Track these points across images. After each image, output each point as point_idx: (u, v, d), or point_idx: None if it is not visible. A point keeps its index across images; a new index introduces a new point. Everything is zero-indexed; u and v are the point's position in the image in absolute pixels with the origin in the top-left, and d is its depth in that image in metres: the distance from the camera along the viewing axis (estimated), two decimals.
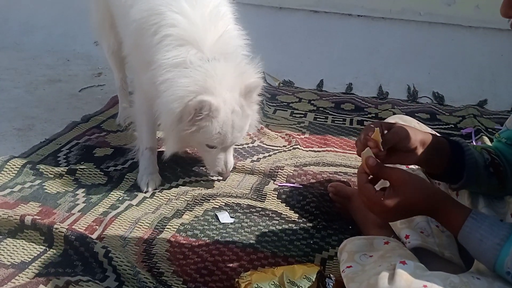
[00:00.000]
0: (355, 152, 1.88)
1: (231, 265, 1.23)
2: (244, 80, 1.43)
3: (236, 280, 1.12)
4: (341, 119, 2.24)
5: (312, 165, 1.77)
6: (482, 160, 1.06)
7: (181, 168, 1.69)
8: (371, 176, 0.94)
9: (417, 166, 1.22)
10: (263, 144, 1.92)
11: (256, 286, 1.07)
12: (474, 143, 2.01)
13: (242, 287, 1.08)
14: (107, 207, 1.45)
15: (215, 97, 1.36)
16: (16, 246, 1.25)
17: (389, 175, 0.92)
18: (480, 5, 2.67)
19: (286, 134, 2.00)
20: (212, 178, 1.65)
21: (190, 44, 1.40)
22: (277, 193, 1.57)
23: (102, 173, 1.62)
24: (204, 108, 1.34)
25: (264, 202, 1.52)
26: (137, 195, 1.53)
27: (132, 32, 1.49)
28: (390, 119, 1.38)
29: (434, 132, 1.35)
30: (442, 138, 1.09)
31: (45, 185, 1.54)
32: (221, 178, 1.61)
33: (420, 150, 1.00)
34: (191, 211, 1.45)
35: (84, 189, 1.53)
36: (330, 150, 1.90)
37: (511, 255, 0.79)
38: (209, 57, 1.40)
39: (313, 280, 1.08)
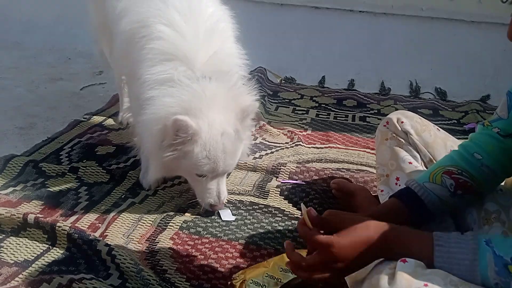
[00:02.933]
0: (358, 149, 1.90)
1: (234, 262, 1.23)
2: (239, 102, 1.31)
3: (229, 282, 1.11)
4: (343, 116, 2.24)
5: (314, 161, 1.77)
6: (446, 191, 1.02)
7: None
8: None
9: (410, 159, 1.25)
10: (265, 141, 1.92)
11: (252, 281, 1.07)
12: None
13: (237, 287, 1.07)
14: (110, 205, 1.45)
15: (196, 119, 1.23)
16: (19, 244, 1.26)
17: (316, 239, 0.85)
18: (482, 0, 2.65)
19: (288, 131, 2.00)
20: None
21: (179, 60, 1.29)
22: (279, 190, 1.56)
23: (105, 171, 1.62)
24: (180, 130, 1.21)
25: (267, 199, 1.52)
26: (139, 193, 1.53)
27: (122, 42, 1.43)
28: (392, 115, 1.37)
29: (436, 127, 1.35)
30: (393, 203, 1.03)
31: (47, 184, 1.54)
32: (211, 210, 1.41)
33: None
34: (193, 208, 1.45)
35: (86, 187, 1.53)
36: (333, 147, 1.90)
37: (490, 265, 0.77)
38: (199, 75, 1.28)
39: None
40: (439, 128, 1.38)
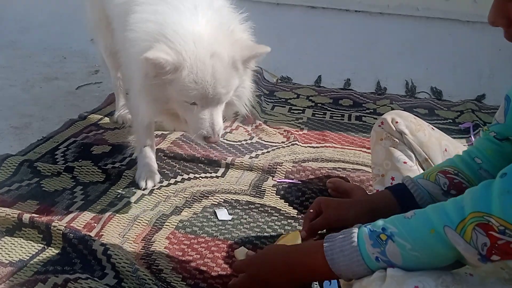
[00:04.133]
0: (354, 148, 1.90)
1: (230, 261, 1.22)
2: (245, 39, 1.23)
3: None
4: (340, 115, 2.24)
5: (310, 161, 1.77)
6: (439, 189, 1.04)
7: (179, 165, 1.68)
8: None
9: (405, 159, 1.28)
10: (262, 140, 1.92)
11: None
12: (473, 138, 2.01)
13: None
14: (105, 205, 1.44)
15: (174, 44, 1.12)
16: (14, 244, 1.25)
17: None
18: (477, 0, 2.66)
19: (285, 131, 2.00)
20: (210, 175, 1.65)
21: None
22: (276, 189, 1.56)
23: (100, 171, 1.61)
24: (157, 67, 1.11)
25: (263, 198, 1.52)
26: (135, 193, 1.52)
27: (118, 12, 1.40)
28: (387, 115, 1.38)
29: (431, 127, 1.35)
30: (386, 194, 1.09)
31: (42, 183, 1.53)
32: (207, 144, 1.31)
33: (361, 219, 1.00)
34: (189, 208, 1.45)
35: (82, 187, 1.53)
36: (329, 146, 1.90)
37: (366, 241, 0.81)
38: (193, 3, 1.19)
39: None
40: (434, 127, 1.39)
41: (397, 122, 1.34)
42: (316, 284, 1.10)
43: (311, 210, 1.15)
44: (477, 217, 0.71)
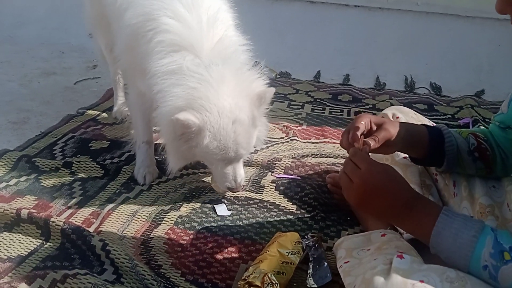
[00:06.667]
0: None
1: (229, 257, 1.23)
2: (253, 87, 1.31)
3: (243, 282, 1.06)
4: (339, 110, 2.24)
5: (310, 156, 1.77)
6: (466, 146, 1.09)
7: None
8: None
9: (404, 155, 1.27)
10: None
11: (274, 272, 1.08)
12: None
13: (258, 282, 1.04)
14: (104, 200, 1.44)
15: (200, 112, 1.23)
16: (12, 240, 1.25)
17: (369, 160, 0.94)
18: None
19: (284, 126, 1.99)
20: (210, 170, 1.64)
21: (186, 49, 1.31)
22: (275, 184, 1.56)
23: (99, 166, 1.61)
24: (184, 128, 1.22)
25: (262, 194, 1.51)
26: (134, 188, 1.52)
27: (127, 36, 1.43)
28: (388, 110, 1.38)
29: (431, 123, 1.36)
30: (422, 127, 1.12)
31: (41, 179, 1.52)
32: (232, 193, 1.46)
33: (399, 142, 1.05)
34: (188, 203, 1.45)
35: (80, 182, 1.52)
36: (328, 142, 1.90)
37: (487, 246, 0.78)
38: (207, 62, 1.29)
39: (301, 241, 1.20)
40: (434, 124, 1.38)
41: (398, 118, 1.33)
42: (310, 279, 1.12)
43: (358, 125, 1.04)
44: None
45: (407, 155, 1.32)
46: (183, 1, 1.36)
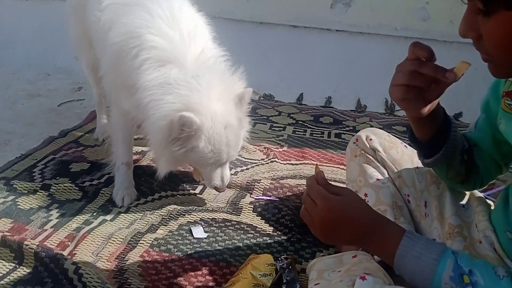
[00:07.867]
0: (332, 165, 1.92)
1: (203, 279, 1.23)
2: (234, 90, 1.42)
3: None
4: (319, 132, 2.27)
5: (289, 178, 1.78)
6: (461, 145, 1.10)
7: (157, 183, 1.68)
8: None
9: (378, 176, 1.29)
10: (242, 157, 1.93)
11: None
12: None
13: None
14: (81, 223, 1.44)
15: (199, 114, 1.32)
16: None
17: (336, 189, 0.93)
18: (453, 20, 2.74)
19: (264, 148, 2.02)
20: (189, 192, 1.66)
21: (171, 62, 1.39)
22: (253, 206, 1.57)
23: (77, 188, 1.61)
24: (185, 125, 1.30)
25: (239, 215, 1.52)
26: (111, 210, 1.52)
27: (111, 55, 1.48)
28: (362, 133, 1.40)
29: (405, 145, 1.39)
30: (442, 107, 1.10)
31: (18, 201, 1.52)
32: (217, 192, 1.57)
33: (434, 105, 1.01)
34: (165, 225, 1.45)
35: (58, 205, 1.52)
36: (307, 163, 1.92)
37: (447, 270, 0.80)
38: (192, 73, 1.38)
39: (274, 263, 1.21)
40: (407, 145, 1.42)
41: (371, 139, 1.36)
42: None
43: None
44: None
45: (380, 177, 1.35)
46: (164, 19, 1.44)
